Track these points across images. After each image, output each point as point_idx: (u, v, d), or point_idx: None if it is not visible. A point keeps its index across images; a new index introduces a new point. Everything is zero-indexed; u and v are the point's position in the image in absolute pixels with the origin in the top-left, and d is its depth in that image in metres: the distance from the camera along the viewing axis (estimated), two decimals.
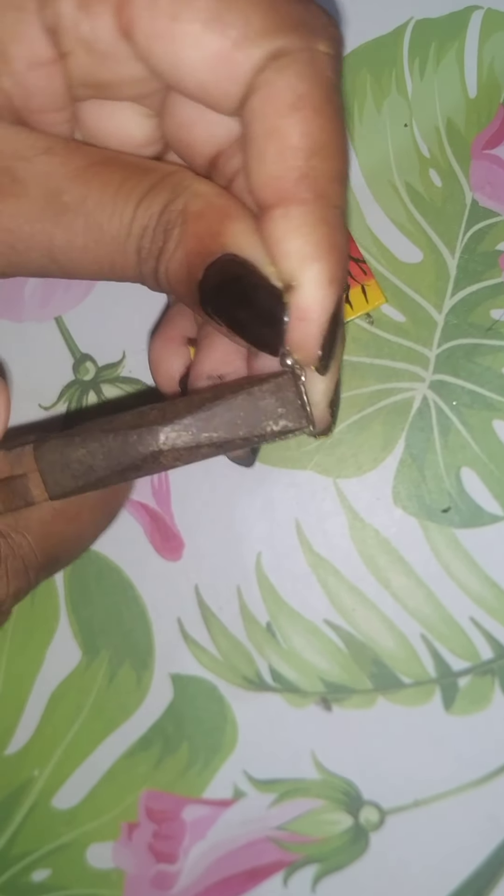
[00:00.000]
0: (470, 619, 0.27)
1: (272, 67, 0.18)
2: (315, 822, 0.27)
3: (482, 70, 0.29)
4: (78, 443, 0.20)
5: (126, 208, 0.20)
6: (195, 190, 0.20)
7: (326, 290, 0.19)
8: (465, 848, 0.27)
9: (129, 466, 0.20)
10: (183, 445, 0.20)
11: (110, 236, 0.20)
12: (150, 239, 0.20)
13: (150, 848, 0.28)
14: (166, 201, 0.20)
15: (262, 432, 0.20)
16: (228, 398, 0.20)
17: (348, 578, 0.28)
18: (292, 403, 0.20)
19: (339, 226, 0.19)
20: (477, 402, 0.28)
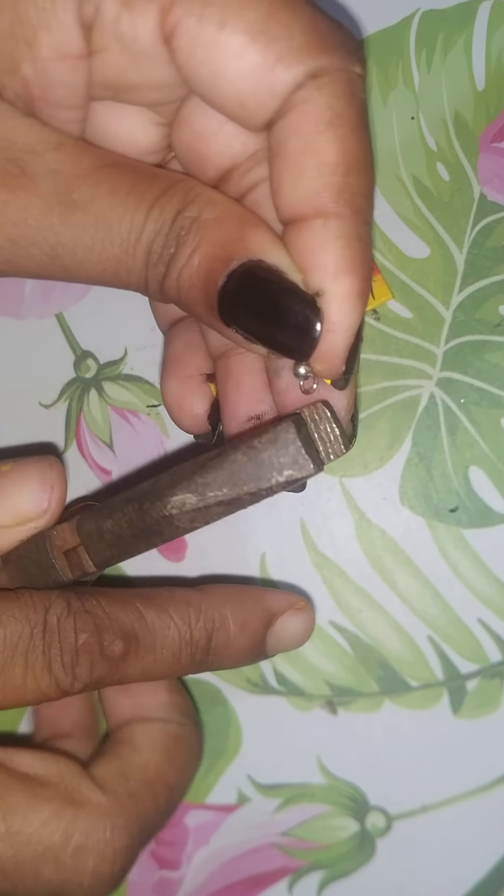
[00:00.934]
0: (478, 620, 0.27)
1: (312, 85, 0.18)
2: (321, 828, 0.27)
3: (490, 62, 0.28)
4: (105, 514, 0.21)
5: (138, 211, 0.19)
6: (209, 197, 0.20)
7: (356, 303, 0.19)
8: (473, 854, 0.26)
9: (150, 532, 0.21)
10: (192, 508, 0.20)
11: (119, 238, 0.19)
12: (161, 244, 0.19)
13: (152, 854, 0.28)
14: (180, 207, 0.19)
15: (269, 485, 0.20)
16: (230, 455, 0.20)
17: (354, 579, 0.27)
18: (293, 452, 0.20)
19: (370, 242, 0.19)
20: (485, 399, 0.27)
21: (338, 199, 0.19)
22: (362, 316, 0.19)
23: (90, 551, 0.22)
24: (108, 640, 0.21)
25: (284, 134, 0.19)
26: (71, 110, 0.20)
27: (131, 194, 0.20)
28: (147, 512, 0.21)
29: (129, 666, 0.22)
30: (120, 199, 0.19)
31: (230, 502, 0.20)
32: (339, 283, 0.19)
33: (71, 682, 0.21)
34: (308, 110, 0.18)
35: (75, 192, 0.19)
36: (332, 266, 0.19)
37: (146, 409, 0.29)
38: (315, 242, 0.19)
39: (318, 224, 0.19)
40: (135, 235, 0.19)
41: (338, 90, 0.18)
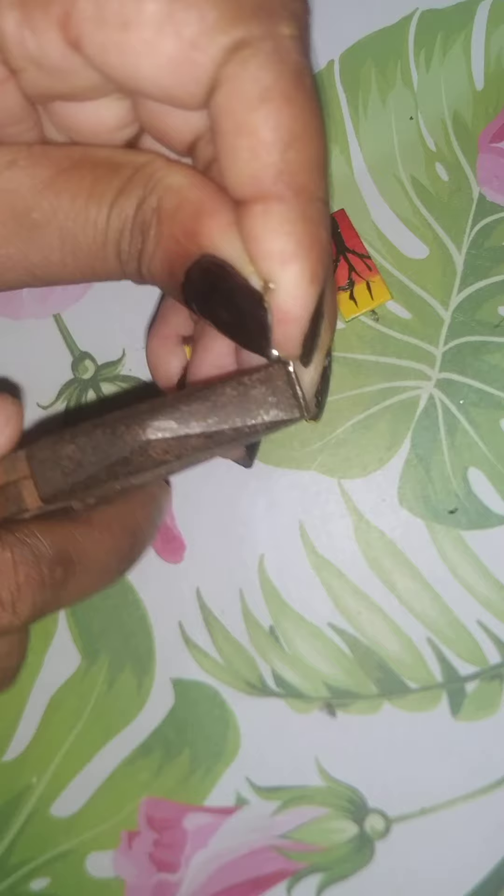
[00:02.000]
0: (477, 622, 0.27)
1: (234, 61, 0.17)
2: (319, 831, 0.27)
3: (489, 62, 0.28)
4: (68, 439, 0.20)
5: (99, 214, 0.19)
6: (168, 184, 0.19)
7: (307, 289, 0.18)
8: (472, 857, 0.26)
9: (118, 461, 0.20)
10: (171, 436, 0.19)
11: (87, 246, 0.19)
12: (127, 241, 0.19)
13: (150, 857, 0.28)
14: (139, 200, 0.19)
15: (253, 422, 0.19)
16: (218, 389, 0.19)
17: (353, 581, 0.27)
18: (283, 393, 0.19)
19: (319, 220, 0.18)
20: (484, 400, 0.27)
21: (276, 181, 0.17)
22: (315, 300, 0.18)
23: (39, 480, 0.20)
24: (49, 568, 0.21)
25: (216, 115, 0.18)
26: (14, 126, 0.20)
27: (92, 196, 0.19)
28: (121, 436, 0.20)
29: (68, 590, 0.21)
30: (81, 206, 0.19)
31: (210, 436, 0.19)
32: (285, 270, 0.18)
33: (10, 619, 0.20)
34: (234, 88, 0.17)
35: (35, 211, 0.19)
36: (276, 254, 0.18)
37: None
38: (258, 229, 0.18)
39: (259, 210, 0.18)
40: (100, 240, 0.19)
41: (263, 61, 0.17)
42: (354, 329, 0.28)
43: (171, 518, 0.29)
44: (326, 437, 0.28)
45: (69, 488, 0.20)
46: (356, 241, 0.28)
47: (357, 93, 0.29)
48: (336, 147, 0.29)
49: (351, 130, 0.29)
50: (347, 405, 0.28)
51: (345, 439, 0.28)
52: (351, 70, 0.29)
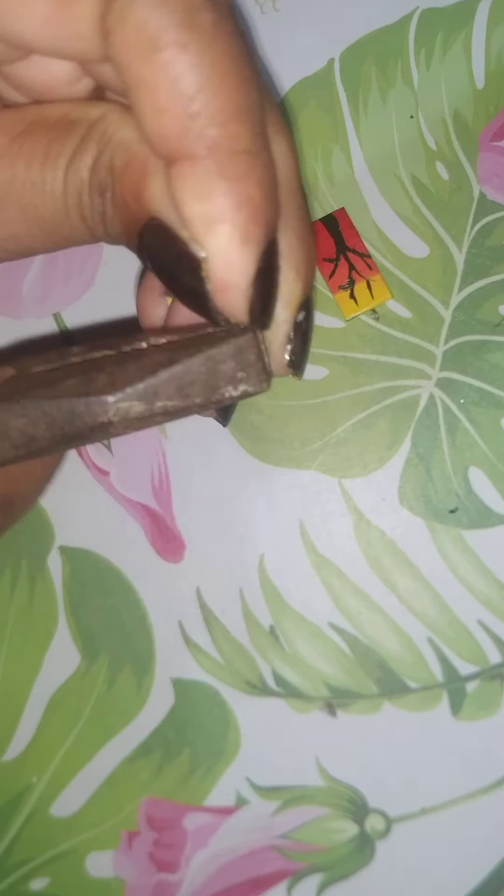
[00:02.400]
0: (478, 622, 0.27)
1: (114, 9, 0.16)
2: (320, 831, 0.27)
3: (490, 60, 0.28)
4: (18, 411, 0.19)
5: (55, 179, 0.18)
6: (120, 139, 0.18)
7: (239, 253, 0.17)
8: (473, 857, 0.26)
9: (75, 436, 0.19)
10: (135, 416, 0.18)
11: (50, 215, 0.18)
12: (88, 206, 0.18)
13: (150, 856, 0.28)
14: (93, 159, 0.18)
15: (220, 398, 0.18)
16: (184, 361, 0.18)
17: (353, 580, 0.27)
18: (254, 366, 0.18)
19: (245, 174, 0.16)
20: (485, 399, 0.27)
21: (182, 140, 0.16)
22: (254, 262, 0.17)
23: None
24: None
25: (116, 69, 0.16)
26: None
27: (48, 160, 0.18)
28: (79, 416, 0.18)
29: None
30: (37, 173, 0.18)
31: (175, 412, 0.18)
32: (211, 236, 0.17)
33: None
34: (121, 40, 0.16)
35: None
36: (198, 219, 0.16)
37: None
38: (178, 193, 0.17)
39: (176, 172, 0.16)
40: (61, 207, 0.18)
41: (143, 4, 0.15)
42: (355, 328, 0.28)
43: (171, 518, 0.29)
44: (327, 437, 0.28)
45: (18, 459, 0.19)
46: (356, 239, 0.28)
47: (357, 91, 0.29)
48: (336, 145, 0.29)
49: (351, 129, 0.29)
50: (348, 404, 0.28)
51: (345, 438, 0.28)
52: (351, 69, 0.29)
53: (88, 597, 0.29)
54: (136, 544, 0.29)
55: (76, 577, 0.29)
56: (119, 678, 0.28)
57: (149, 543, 0.29)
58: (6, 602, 0.29)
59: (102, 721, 0.28)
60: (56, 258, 0.30)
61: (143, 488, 0.29)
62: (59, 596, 0.29)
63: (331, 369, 0.28)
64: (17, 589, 0.29)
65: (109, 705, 0.28)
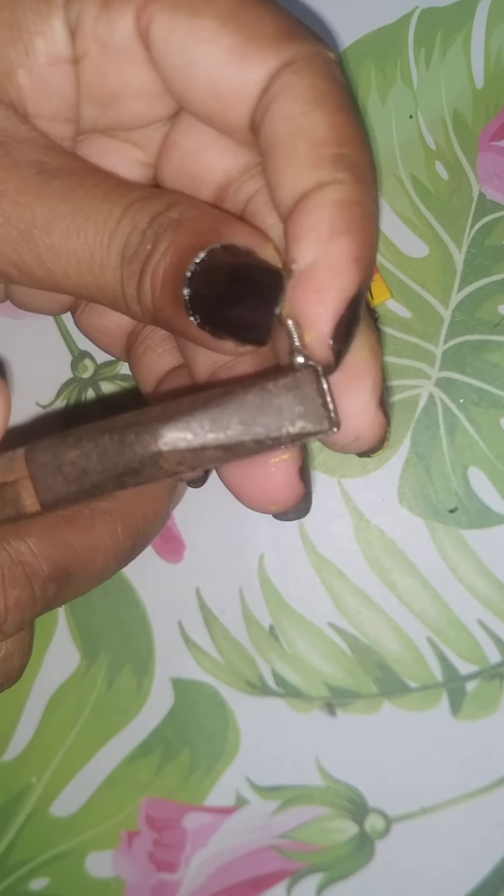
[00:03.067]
0: (477, 621, 0.27)
1: (289, 70, 0.18)
2: (319, 830, 0.27)
3: (489, 60, 0.28)
4: (71, 443, 0.18)
5: (117, 205, 0.19)
6: (193, 202, 0.19)
7: (352, 268, 0.17)
8: (472, 856, 0.26)
9: (126, 470, 0.18)
10: (186, 447, 0.18)
11: (95, 227, 0.18)
12: (138, 240, 0.18)
13: (150, 856, 0.28)
14: (162, 208, 0.19)
15: (278, 434, 0.18)
16: (239, 394, 0.18)
17: (353, 580, 0.27)
18: (312, 402, 0.18)
19: (372, 214, 0.18)
20: (484, 399, 0.27)
21: (335, 166, 0.18)
22: (358, 286, 0.17)
23: (39, 486, 0.19)
24: (42, 587, 0.20)
25: (272, 125, 0.18)
26: (63, 124, 0.20)
27: (114, 190, 0.19)
28: (130, 445, 0.18)
29: (61, 600, 0.21)
30: (101, 192, 0.19)
31: (229, 448, 0.18)
32: (333, 244, 0.17)
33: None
34: (290, 94, 0.18)
35: (57, 180, 0.19)
36: (326, 227, 0.17)
37: None
38: (311, 208, 0.17)
39: (315, 194, 0.18)
40: (110, 227, 0.18)
41: (317, 71, 0.18)
42: None
43: (170, 517, 0.29)
44: None
45: (73, 497, 0.19)
46: None
47: (357, 91, 0.29)
48: None
49: None
50: None
51: None
52: (351, 68, 0.29)
53: (88, 597, 0.29)
54: None
55: None
56: (119, 678, 0.28)
57: None
58: None
59: (102, 721, 0.28)
60: None
61: None
62: None
63: None
64: None
65: (109, 705, 0.28)
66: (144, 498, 0.23)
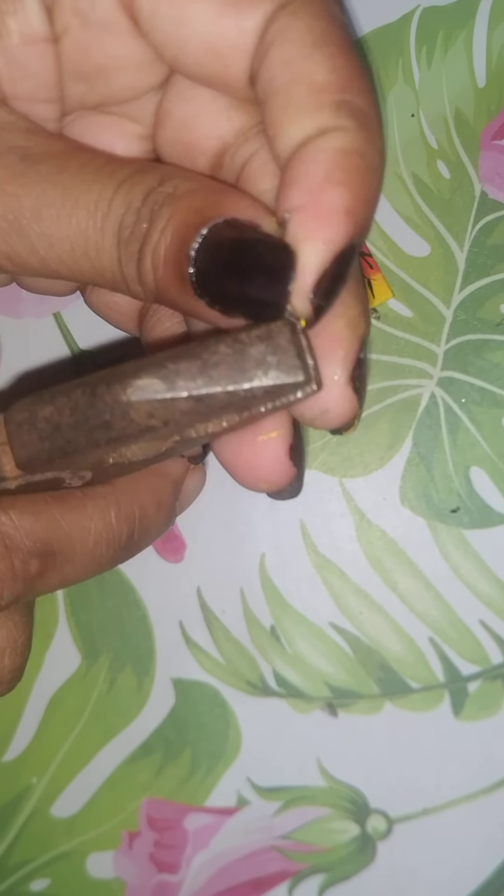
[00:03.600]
0: (480, 622, 0.27)
1: (285, 13, 0.17)
2: (321, 831, 0.27)
3: (491, 59, 0.28)
4: (47, 399, 0.18)
5: (108, 185, 0.18)
6: (186, 174, 0.18)
7: (342, 218, 0.16)
8: (475, 857, 0.26)
9: (98, 424, 0.18)
10: (156, 398, 0.17)
11: (86, 210, 0.18)
12: (133, 219, 0.18)
13: (151, 857, 0.27)
14: (154, 184, 0.18)
15: (250, 385, 0.17)
16: (210, 346, 0.17)
17: (354, 581, 0.27)
18: (286, 352, 0.17)
19: (375, 167, 0.17)
20: (486, 399, 0.27)
21: (337, 113, 0.16)
22: (349, 240, 0.16)
23: (14, 444, 0.18)
24: (22, 561, 0.19)
25: (269, 73, 0.17)
26: (45, 105, 0.19)
27: (102, 170, 0.18)
28: (100, 396, 0.17)
29: (47, 581, 0.20)
30: (90, 173, 0.18)
31: (200, 399, 0.17)
32: (326, 192, 0.16)
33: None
34: (287, 38, 0.17)
35: (42, 164, 0.18)
36: (321, 174, 0.16)
37: None
38: (307, 155, 0.16)
39: (313, 141, 0.16)
40: (103, 209, 0.18)
41: (314, 11, 0.17)
42: None
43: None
44: (327, 436, 0.28)
45: (46, 454, 0.18)
46: None
47: None
48: None
49: None
50: None
51: (346, 438, 0.28)
52: None
53: (89, 597, 0.29)
54: None
55: None
56: (119, 678, 0.28)
57: None
58: None
59: (103, 721, 0.28)
60: None
61: None
62: (59, 596, 0.29)
63: None
64: None
65: (110, 706, 0.28)
66: (143, 485, 0.22)
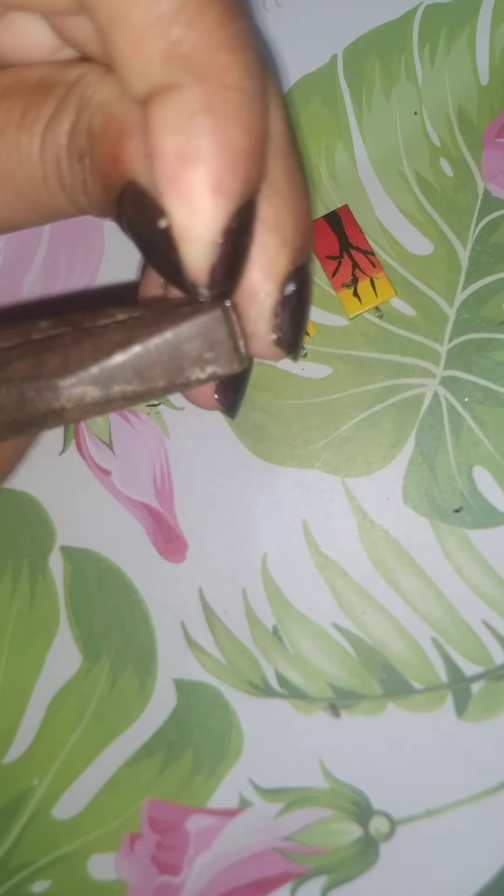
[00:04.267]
0: (483, 622, 0.26)
1: None
2: (323, 833, 0.27)
3: (494, 56, 0.28)
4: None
5: (32, 145, 0.17)
6: (99, 100, 0.17)
7: (210, 200, 0.15)
8: (478, 859, 0.26)
9: (27, 423, 0.17)
10: (91, 402, 0.17)
11: (27, 183, 0.17)
12: (68, 173, 0.17)
13: (153, 859, 0.27)
14: (71, 124, 0.17)
15: (187, 381, 0.17)
16: (143, 341, 0.16)
17: (357, 581, 0.27)
18: (223, 345, 0.17)
19: (232, 114, 0.15)
20: (490, 398, 0.27)
21: (165, 66, 0.14)
22: (224, 215, 0.15)
23: None
24: None
25: (89, 11, 0.15)
26: None
27: (23, 124, 0.17)
28: (31, 402, 0.17)
29: None
30: (12, 135, 0.17)
31: (137, 396, 0.17)
32: (182, 176, 0.15)
33: None
34: None
35: None
36: (171, 154, 0.15)
37: (146, 408, 0.29)
38: (152, 126, 0.15)
39: (154, 106, 0.15)
40: (38, 175, 0.17)
41: None
42: (358, 326, 0.28)
43: (173, 517, 0.28)
44: (330, 436, 0.28)
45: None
46: (360, 237, 0.28)
47: (361, 88, 0.29)
48: (339, 142, 0.29)
49: (354, 126, 0.29)
50: (351, 403, 0.28)
51: (349, 437, 0.27)
52: (354, 65, 0.29)
53: (90, 597, 0.28)
54: (137, 544, 0.28)
55: (78, 578, 0.29)
56: (121, 679, 0.28)
57: (151, 543, 0.28)
58: (7, 602, 0.29)
59: (104, 722, 0.28)
60: (57, 255, 0.30)
61: (145, 488, 0.29)
62: (60, 596, 0.29)
63: (334, 368, 0.28)
64: (18, 589, 0.29)
65: (111, 706, 0.28)
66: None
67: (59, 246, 0.30)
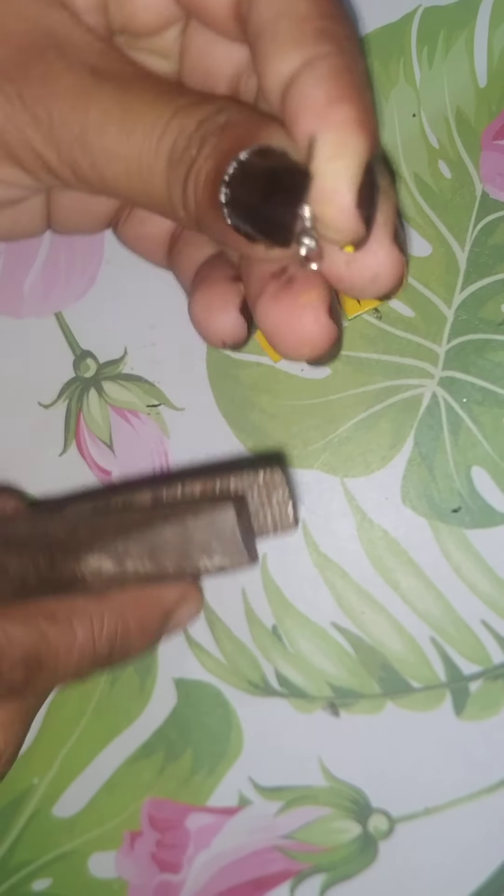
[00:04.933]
0: (481, 621, 0.27)
1: None
2: (323, 831, 0.27)
3: (492, 59, 0.28)
4: (14, 552, 0.20)
5: (165, 109, 0.19)
6: (240, 108, 0.19)
7: (357, 132, 0.17)
8: (476, 857, 0.26)
9: (59, 586, 0.20)
10: (107, 576, 0.19)
11: (143, 129, 0.19)
12: (184, 144, 0.18)
13: (153, 857, 0.27)
14: (210, 113, 0.19)
15: (195, 568, 0.18)
16: (157, 526, 0.18)
17: (356, 580, 0.27)
18: (229, 539, 0.18)
19: (364, 82, 0.18)
20: (488, 399, 0.27)
21: (318, 40, 0.18)
22: (368, 149, 0.17)
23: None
24: (8, 668, 0.20)
25: (257, 11, 0.19)
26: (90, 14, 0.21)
27: (164, 95, 0.19)
28: (58, 568, 0.19)
29: (30, 688, 0.21)
30: (152, 96, 0.19)
31: (150, 576, 0.19)
32: (332, 112, 0.17)
33: None
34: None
35: (109, 83, 0.19)
36: (321, 99, 0.17)
37: (146, 408, 0.29)
38: (303, 87, 0.17)
39: (304, 72, 0.18)
40: (158, 131, 0.19)
41: None
42: (357, 327, 0.28)
43: None
44: (329, 436, 0.28)
45: (17, 597, 0.20)
46: None
47: None
48: None
49: None
50: (350, 403, 0.28)
51: (348, 438, 0.28)
52: None
53: None
54: None
55: None
56: (121, 678, 0.28)
57: None
58: None
59: (105, 721, 0.28)
60: (57, 257, 0.30)
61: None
62: None
63: (333, 368, 0.28)
64: None
65: (112, 705, 0.28)
66: (131, 607, 0.23)
67: (59, 247, 0.30)
